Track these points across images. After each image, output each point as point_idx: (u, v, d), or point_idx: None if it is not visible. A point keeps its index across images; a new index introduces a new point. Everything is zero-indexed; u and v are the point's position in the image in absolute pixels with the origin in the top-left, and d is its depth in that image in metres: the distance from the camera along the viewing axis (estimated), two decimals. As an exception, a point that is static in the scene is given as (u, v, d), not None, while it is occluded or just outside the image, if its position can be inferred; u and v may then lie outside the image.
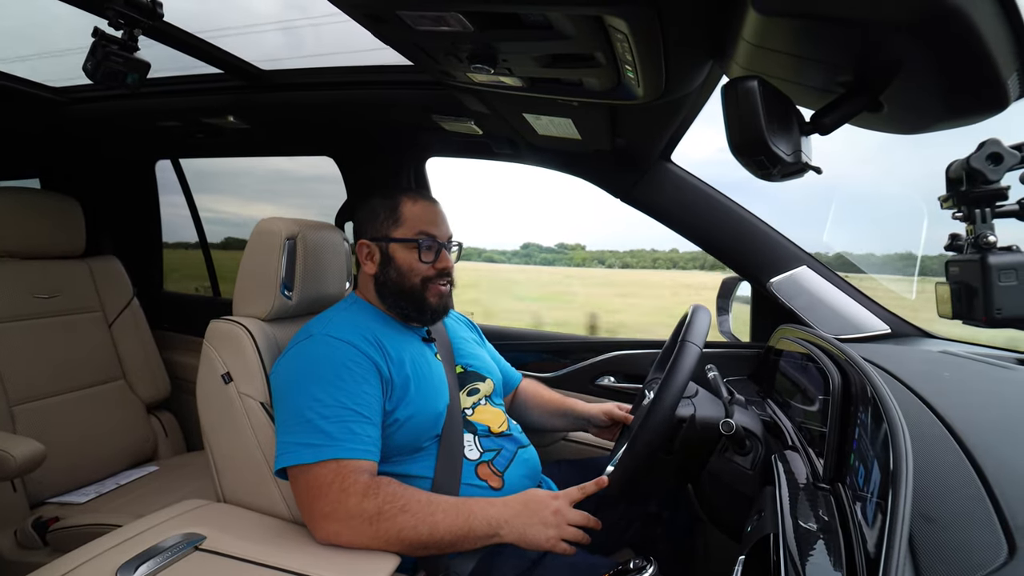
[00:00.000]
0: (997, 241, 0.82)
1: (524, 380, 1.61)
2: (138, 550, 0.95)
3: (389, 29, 0.94)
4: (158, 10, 1.16)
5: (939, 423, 0.80)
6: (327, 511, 0.98)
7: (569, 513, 1.02)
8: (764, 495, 0.88)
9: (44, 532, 1.61)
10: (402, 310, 1.25)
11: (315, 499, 0.99)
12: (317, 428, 1.01)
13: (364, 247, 1.26)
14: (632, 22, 0.77)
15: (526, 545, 1.00)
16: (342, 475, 0.99)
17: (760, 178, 0.77)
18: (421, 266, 1.22)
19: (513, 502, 1.03)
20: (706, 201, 1.63)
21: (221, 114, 1.78)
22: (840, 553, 0.64)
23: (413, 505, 0.99)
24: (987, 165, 0.80)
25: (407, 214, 1.24)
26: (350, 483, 0.99)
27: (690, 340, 1.07)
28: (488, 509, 1.01)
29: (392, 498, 0.99)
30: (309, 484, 1.00)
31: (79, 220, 2.05)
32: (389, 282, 1.23)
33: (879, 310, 1.52)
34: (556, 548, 0.99)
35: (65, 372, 1.92)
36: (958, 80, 0.64)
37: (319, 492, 0.99)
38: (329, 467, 1.00)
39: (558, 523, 1.00)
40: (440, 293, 1.24)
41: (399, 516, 0.97)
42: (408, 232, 1.23)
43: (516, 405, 1.57)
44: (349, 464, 1.00)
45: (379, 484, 1.00)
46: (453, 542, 0.99)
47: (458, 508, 1.01)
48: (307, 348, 1.11)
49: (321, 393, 1.04)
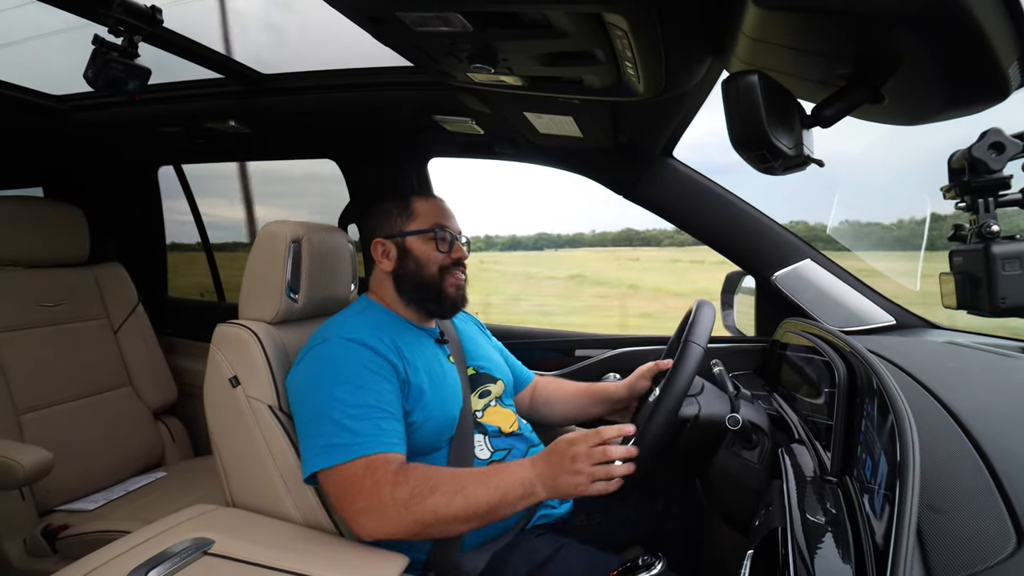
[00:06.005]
0: (1000, 230, 0.82)
1: (541, 378, 1.60)
2: (148, 556, 0.95)
3: (388, 30, 0.94)
4: (158, 16, 1.17)
5: (945, 414, 0.80)
6: (362, 507, 0.98)
7: (593, 453, 0.96)
8: (771, 489, 0.89)
9: (53, 540, 1.62)
10: (421, 302, 1.26)
11: (351, 498, 0.99)
12: (344, 427, 1.02)
13: (379, 245, 1.27)
14: (631, 19, 0.77)
15: (562, 498, 0.96)
16: (372, 469, 0.99)
17: (762, 172, 0.77)
18: (438, 255, 1.24)
19: (539, 459, 1.01)
20: (709, 196, 1.63)
21: (222, 119, 1.78)
22: (848, 545, 0.64)
23: (443, 483, 0.98)
24: (989, 154, 0.80)
25: (420, 210, 1.27)
26: (380, 475, 0.99)
27: (693, 340, 1.05)
28: (519, 471, 1.00)
29: (422, 480, 0.99)
30: (342, 484, 1.01)
31: (83, 228, 2.06)
32: (408, 275, 1.24)
33: (884, 302, 1.52)
34: (590, 492, 0.95)
35: (71, 380, 1.93)
36: (959, 70, 0.63)
37: (353, 490, 0.99)
38: (359, 464, 1.00)
39: (579, 470, 0.95)
40: (457, 284, 1.26)
41: (430, 497, 0.97)
42: (423, 224, 1.25)
43: (539, 403, 1.55)
44: (378, 458, 1.01)
45: (407, 471, 1.01)
46: (492, 510, 0.97)
47: (488, 477, 1.00)
48: (324, 352, 1.11)
49: (343, 394, 1.04)
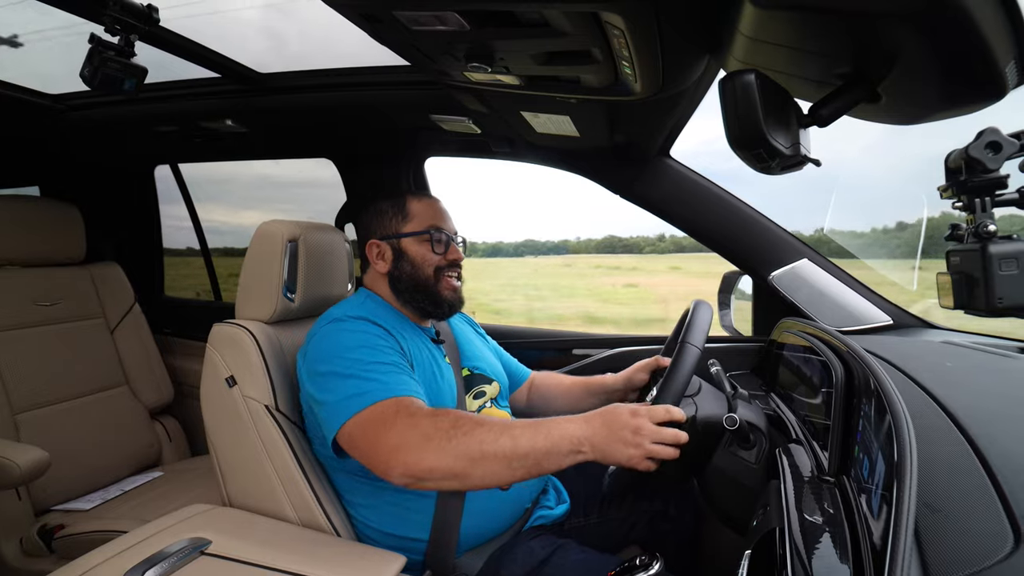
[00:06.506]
0: (997, 230, 0.82)
1: (537, 373, 1.60)
2: (144, 555, 0.95)
3: (385, 29, 0.93)
4: (154, 15, 1.16)
5: (943, 413, 0.80)
6: (397, 442, 0.94)
7: (650, 431, 0.94)
8: (769, 489, 0.88)
9: (50, 539, 1.62)
10: (417, 304, 1.25)
11: (380, 437, 0.95)
12: (367, 379, 1.01)
13: (374, 247, 1.26)
14: (628, 18, 0.77)
15: (607, 462, 0.94)
16: (404, 405, 0.98)
17: (759, 171, 0.77)
18: (433, 257, 1.24)
19: (593, 419, 0.96)
20: (706, 196, 1.63)
21: (219, 118, 1.78)
22: (846, 545, 0.64)
23: (487, 421, 0.96)
24: (986, 154, 0.80)
25: (415, 210, 1.26)
26: (415, 409, 0.97)
27: (690, 342, 1.05)
28: (567, 427, 0.95)
29: (464, 417, 0.96)
30: (370, 426, 0.97)
31: (79, 227, 2.06)
32: (404, 276, 1.24)
33: (881, 301, 1.52)
34: (639, 466, 0.93)
35: (68, 379, 1.92)
36: (956, 69, 0.63)
37: (383, 428, 0.95)
38: (388, 404, 0.98)
39: (638, 443, 0.93)
40: (453, 287, 1.26)
41: (476, 429, 0.93)
42: (419, 226, 1.25)
43: (537, 398, 1.55)
44: (407, 399, 1.00)
45: (445, 410, 0.99)
46: (538, 459, 0.93)
47: (536, 426, 0.95)
48: (334, 329, 1.11)
49: (361, 355, 1.04)
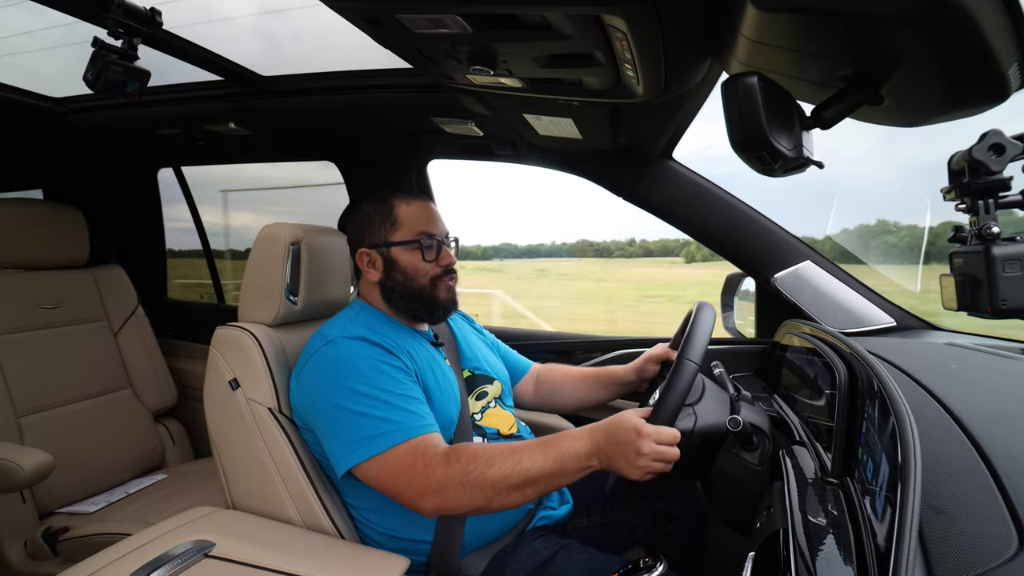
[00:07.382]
0: (1001, 232, 0.82)
1: (542, 365, 1.58)
2: (148, 558, 0.95)
3: (388, 32, 0.94)
4: (157, 19, 1.17)
5: (946, 415, 0.80)
6: (422, 488, 0.98)
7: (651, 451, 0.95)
8: (773, 491, 0.88)
9: (54, 542, 1.62)
10: (412, 311, 1.24)
11: (405, 483, 0.99)
12: (375, 418, 1.01)
13: (364, 255, 1.24)
14: (631, 21, 0.77)
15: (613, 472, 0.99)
16: (418, 452, 0.99)
17: (762, 174, 0.77)
18: (426, 266, 1.22)
19: (598, 434, 0.99)
20: (708, 198, 1.62)
21: (222, 121, 1.78)
22: (850, 547, 0.64)
23: (497, 458, 0.98)
24: (989, 156, 0.80)
25: (403, 216, 1.23)
26: (429, 456, 0.99)
27: (687, 357, 1.03)
28: (575, 445, 0.99)
29: (474, 458, 0.98)
30: (388, 472, 1.00)
31: (82, 230, 2.06)
32: (396, 286, 1.22)
33: (884, 303, 1.52)
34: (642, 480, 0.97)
35: (71, 382, 1.93)
36: (958, 71, 0.63)
37: (405, 475, 0.99)
38: (403, 449, 0.99)
39: (642, 464, 0.95)
40: (449, 288, 1.25)
41: (487, 471, 0.96)
42: (408, 234, 1.22)
43: (546, 391, 1.54)
44: (421, 440, 1.01)
45: (456, 450, 1.00)
46: (550, 481, 0.98)
47: (544, 449, 0.99)
48: (331, 352, 1.10)
49: (363, 387, 1.03)
